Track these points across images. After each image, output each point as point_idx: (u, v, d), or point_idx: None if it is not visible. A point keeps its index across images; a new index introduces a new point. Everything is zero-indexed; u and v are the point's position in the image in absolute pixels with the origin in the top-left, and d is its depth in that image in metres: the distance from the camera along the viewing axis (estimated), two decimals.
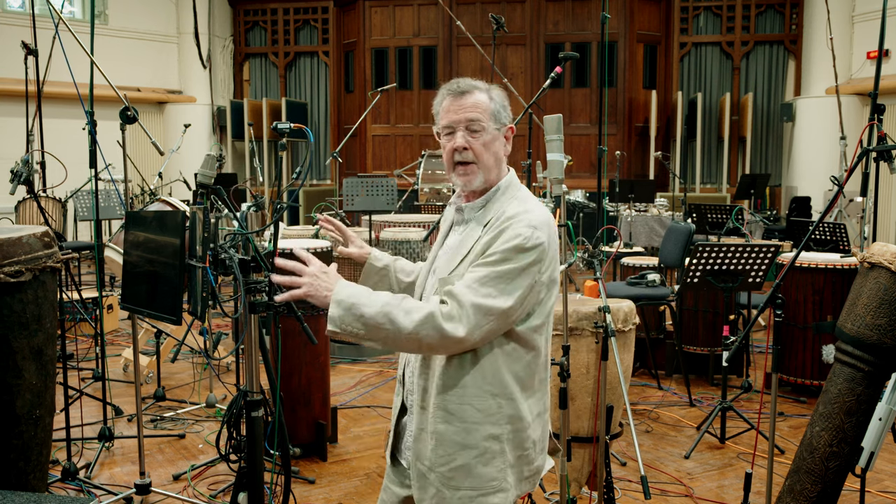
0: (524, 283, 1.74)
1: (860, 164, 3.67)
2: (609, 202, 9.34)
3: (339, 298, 1.72)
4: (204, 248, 2.17)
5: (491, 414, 1.81)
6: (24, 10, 10.78)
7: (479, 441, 1.81)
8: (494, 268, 1.72)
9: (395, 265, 2.17)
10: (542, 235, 1.76)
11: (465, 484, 1.81)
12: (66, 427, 3.72)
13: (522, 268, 1.73)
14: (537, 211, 1.81)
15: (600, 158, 3.91)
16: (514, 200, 1.85)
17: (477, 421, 1.80)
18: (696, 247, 4.31)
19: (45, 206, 7.38)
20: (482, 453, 1.81)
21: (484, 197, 1.88)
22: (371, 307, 1.71)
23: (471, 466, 1.81)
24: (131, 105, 3.45)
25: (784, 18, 11.83)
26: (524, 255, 1.73)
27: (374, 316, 1.70)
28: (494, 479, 1.82)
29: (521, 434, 1.84)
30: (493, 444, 1.81)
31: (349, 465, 3.89)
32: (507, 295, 1.72)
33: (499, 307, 1.71)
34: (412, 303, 1.74)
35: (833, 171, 9.74)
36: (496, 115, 1.86)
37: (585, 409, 3.12)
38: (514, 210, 1.80)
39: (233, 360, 5.28)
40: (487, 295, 1.71)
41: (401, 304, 1.72)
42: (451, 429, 1.81)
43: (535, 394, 1.87)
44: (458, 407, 1.81)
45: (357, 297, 1.73)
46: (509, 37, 11.37)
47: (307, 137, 2.21)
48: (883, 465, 3.90)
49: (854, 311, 2.61)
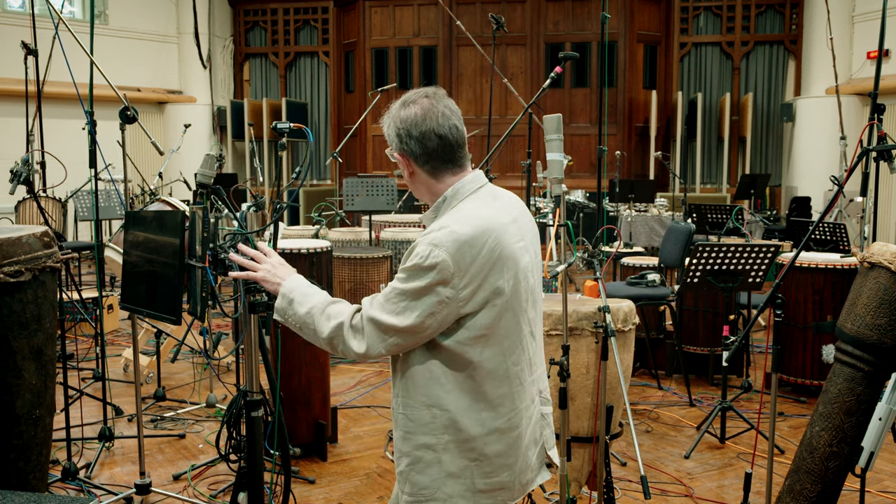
0: (428, 302, 1.72)
1: (860, 164, 3.67)
2: (609, 202, 9.33)
3: (284, 291, 1.88)
4: (204, 247, 2.17)
5: (424, 424, 1.82)
6: (24, 10, 10.79)
7: (412, 449, 1.84)
8: (398, 285, 1.76)
9: None
10: (441, 254, 1.70)
11: (405, 489, 1.86)
12: (66, 427, 3.72)
13: (422, 287, 1.72)
14: (453, 226, 1.74)
15: (600, 158, 3.91)
16: (448, 210, 1.84)
17: (410, 430, 1.84)
18: (696, 247, 4.31)
19: (45, 206, 7.38)
20: (415, 462, 1.83)
21: (434, 207, 1.89)
22: (303, 307, 1.84)
23: (406, 473, 1.85)
24: (131, 105, 3.45)
25: (784, 18, 11.83)
26: (422, 274, 1.71)
27: (302, 316, 1.83)
28: (427, 487, 1.82)
29: (464, 445, 1.80)
30: (427, 454, 1.82)
31: (349, 465, 3.89)
32: (408, 312, 1.73)
33: (397, 325, 1.74)
34: (336, 308, 1.82)
35: (833, 171, 9.73)
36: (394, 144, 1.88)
37: (585, 408, 3.12)
38: (435, 225, 1.80)
39: (233, 360, 5.28)
40: (389, 311, 1.75)
41: (326, 309, 1.82)
42: (396, 434, 1.89)
43: (495, 409, 1.82)
44: (398, 414, 1.87)
45: (297, 293, 1.86)
46: (509, 37, 11.37)
47: (307, 137, 2.22)
48: (883, 465, 3.90)
49: (854, 310, 2.61)
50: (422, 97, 1.84)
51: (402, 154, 1.85)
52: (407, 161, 1.86)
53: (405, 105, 1.85)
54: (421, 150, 1.82)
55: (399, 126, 1.83)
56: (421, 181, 1.88)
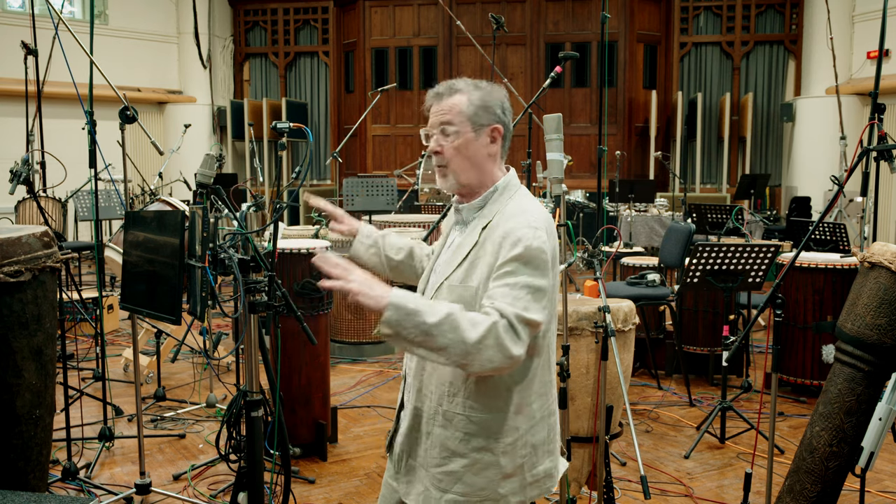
0: (548, 287, 1.75)
1: (860, 164, 3.67)
2: (609, 202, 9.33)
3: (397, 302, 1.63)
4: (203, 247, 2.17)
5: (486, 427, 1.81)
6: (24, 10, 10.78)
7: (469, 451, 1.82)
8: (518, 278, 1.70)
9: (385, 242, 2.17)
10: (543, 235, 1.75)
11: (454, 489, 1.83)
12: (66, 427, 3.72)
13: (543, 274, 1.73)
14: (536, 213, 1.81)
15: (600, 158, 3.91)
16: (510, 202, 1.85)
17: (471, 433, 1.81)
18: (696, 247, 4.31)
19: (45, 206, 7.38)
20: (473, 463, 1.82)
21: (482, 197, 1.88)
22: (433, 315, 1.63)
23: (461, 474, 1.83)
24: (131, 105, 3.45)
25: (784, 18, 11.83)
26: (538, 260, 1.72)
27: (433, 325, 1.62)
28: (484, 488, 1.83)
29: (517, 442, 1.83)
30: (486, 456, 1.82)
31: (349, 465, 3.89)
32: (543, 303, 1.73)
33: (539, 320, 1.72)
34: (472, 314, 1.68)
35: (833, 171, 9.73)
36: (473, 117, 1.85)
37: (585, 408, 3.12)
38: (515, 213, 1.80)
39: (233, 360, 5.28)
40: (533, 307, 1.70)
41: (464, 314, 1.66)
42: (446, 434, 1.83)
43: (540, 398, 1.87)
44: (455, 415, 1.82)
45: (416, 302, 1.66)
46: (509, 37, 11.37)
47: (307, 137, 2.22)
48: (883, 465, 3.90)
49: (854, 310, 2.61)
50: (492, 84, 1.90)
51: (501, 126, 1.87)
52: (499, 134, 1.88)
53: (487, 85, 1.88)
54: (510, 130, 1.91)
55: (498, 99, 1.88)
56: (491, 162, 1.88)
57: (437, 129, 1.87)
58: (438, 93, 1.88)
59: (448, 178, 1.88)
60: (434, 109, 1.88)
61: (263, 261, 2.28)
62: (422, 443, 1.87)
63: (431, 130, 1.88)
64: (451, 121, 1.85)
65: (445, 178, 1.88)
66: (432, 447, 1.85)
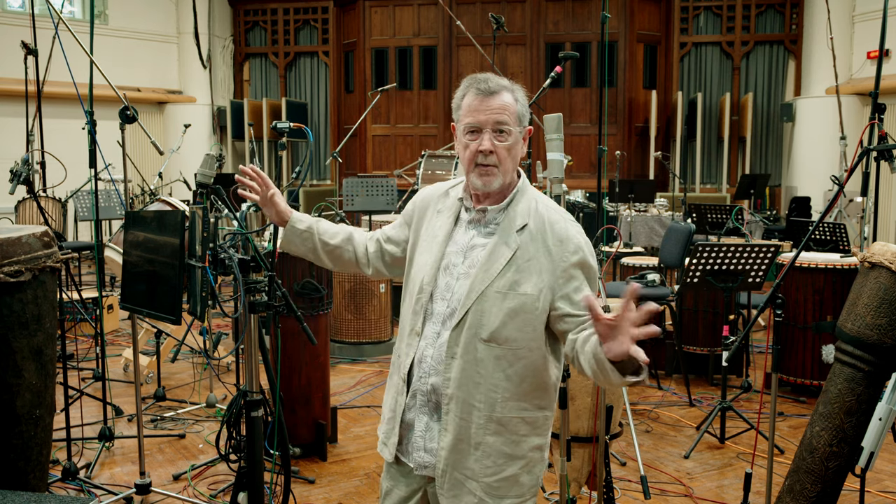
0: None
1: (860, 164, 3.67)
2: (609, 202, 9.33)
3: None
4: (203, 247, 2.17)
5: (538, 426, 1.87)
6: (24, 10, 10.78)
7: (526, 452, 1.86)
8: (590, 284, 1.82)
9: (318, 227, 2.10)
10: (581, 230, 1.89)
11: (511, 493, 1.84)
12: (66, 427, 3.72)
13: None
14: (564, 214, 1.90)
15: (600, 158, 3.91)
16: (533, 201, 1.90)
17: (525, 433, 1.84)
18: (696, 247, 4.31)
19: (45, 206, 7.38)
20: (527, 463, 1.86)
21: (508, 199, 1.88)
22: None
23: (517, 476, 1.85)
24: (131, 105, 3.45)
25: (784, 18, 11.83)
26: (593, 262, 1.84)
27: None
28: (535, 485, 1.90)
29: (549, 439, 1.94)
30: (537, 454, 1.88)
31: (349, 465, 3.89)
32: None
33: None
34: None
35: (833, 171, 9.73)
36: (521, 118, 1.86)
37: (585, 408, 3.12)
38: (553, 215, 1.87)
39: (233, 360, 5.28)
40: None
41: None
42: (500, 440, 1.82)
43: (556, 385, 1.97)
44: (511, 419, 1.82)
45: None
46: (509, 37, 11.37)
47: (307, 137, 2.22)
48: (883, 465, 3.90)
49: (854, 310, 2.61)
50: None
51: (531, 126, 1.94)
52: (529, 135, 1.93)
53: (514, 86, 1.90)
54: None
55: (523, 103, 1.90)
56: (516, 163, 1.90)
57: (490, 128, 1.82)
58: (488, 90, 1.83)
59: (497, 178, 1.84)
60: (483, 106, 1.82)
61: (263, 261, 2.28)
62: (471, 454, 1.82)
63: (485, 127, 1.82)
64: (507, 121, 1.83)
65: (492, 177, 1.84)
66: (485, 457, 1.82)
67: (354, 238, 2.13)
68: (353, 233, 2.14)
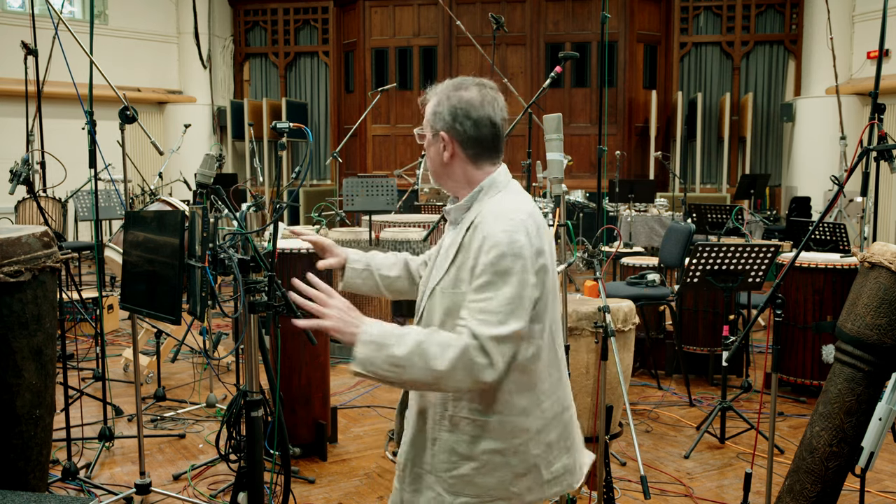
0: (526, 295, 1.69)
1: (860, 164, 3.67)
2: (609, 202, 9.33)
3: (368, 338, 1.65)
4: (203, 247, 2.17)
5: (492, 430, 1.79)
6: (24, 10, 10.78)
7: (478, 454, 1.80)
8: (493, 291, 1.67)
9: (374, 263, 2.12)
10: (521, 238, 1.70)
11: (467, 491, 1.82)
12: (66, 427, 3.72)
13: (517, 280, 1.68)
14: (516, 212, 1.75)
15: (600, 158, 3.91)
16: (491, 201, 1.81)
17: (476, 435, 1.80)
18: (696, 247, 4.31)
19: (45, 206, 7.38)
20: (483, 465, 1.80)
21: (468, 198, 1.85)
22: (402, 347, 1.63)
23: (471, 476, 1.81)
24: (131, 105, 3.45)
25: (784, 18, 11.83)
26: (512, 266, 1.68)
27: (405, 357, 1.63)
28: (495, 488, 1.81)
29: (528, 443, 1.81)
30: (496, 458, 1.80)
31: (349, 465, 3.89)
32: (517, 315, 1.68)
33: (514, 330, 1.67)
34: (442, 335, 1.67)
35: (833, 171, 9.73)
36: (432, 123, 1.84)
37: (585, 409, 3.12)
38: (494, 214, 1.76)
39: (233, 360, 5.28)
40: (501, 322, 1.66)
41: (433, 337, 1.66)
42: (453, 438, 1.81)
43: (550, 396, 1.84)
44: (462, 419, 1.80)
45: (386, 335, 1.65)
46: (509, 37, 11.37)
47: (307, 137, 2.22)
48: (883, 465, 3.90)
49: (854, 310, 2.61)
50: (476, 85, 1.84)
51: (450, 134, 1.81)
52: (452, 142, 1.82)
53: (462, 87, 1.82)
54: (474, 133, 1.81)
55: (456, 105, 1.80)
56: (459, 166, 1.84)
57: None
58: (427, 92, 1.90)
59: (434, 177, 1.91)
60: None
61: (263, 261, 2.28)
62: (428, 449, 1.84)
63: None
64: (423, 125, 1.87)
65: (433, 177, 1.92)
66: (440, 452, 1.82)
67: (409, 265, 2.15)
68: (407, 260, 2.15)
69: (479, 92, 1.82)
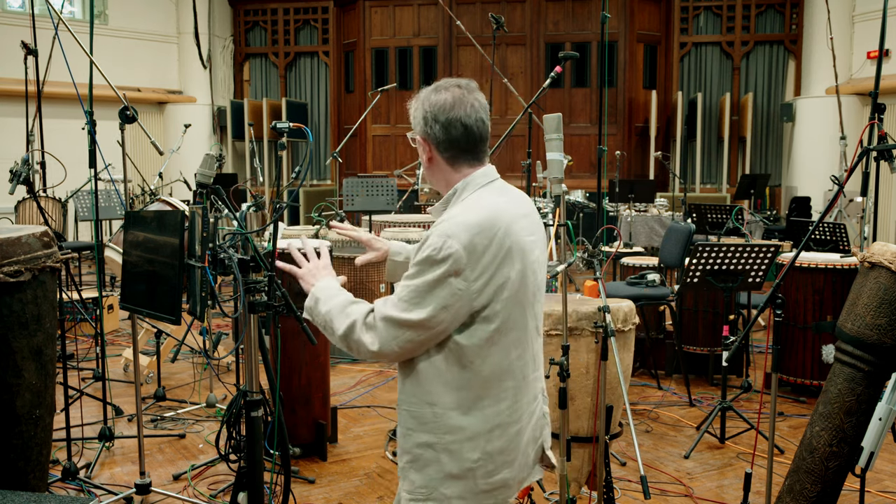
0: (441, 294, 1.69)
1: (860, 164, 3.67)
2: (609, 202, 9.33)
3: (314, 291, 1.89)
4: (203, 247, 2.17)
5: (425, 422, 1.79)
6: (24, 10, 10.78)
7: (411, 447, 1.82)
8: (410, 281, 1.73)
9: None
10: (454, 244, 1.69)
11: (404, 486, 1.85)
12: (66, 427, 3.72)
13: (435, 279, 1.69)
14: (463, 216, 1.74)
15: (600, 158, 3.91)
16: (461, 203, 1.81)
17: (411, 427, 1.82)
18: (696, 247, 4.31)
19: (45, 206, 7.38)
20: (415, 459, 1.82)
21: (444, 200, 1.88)
22: (325, 305, 1.84)
23: (405, 470, 1.84)
24: (131, 105, 3.45)
25: (784, 18, 11.83)
26: (435, 266, 1.69)
27: (324, 314, 1.84)
28: (424, 486, 1.80)
29: (466, 444, 1.78)
30: (427, 452, 1.80)
31: (349, 465, 3.89)
32: (421, 306, 1.70)
33: (410, 319, 1.71)
34: (355, 307, 1.81)
35: (833, 171, 9.73)
36: (414, 126, 1.89)
37: (585, 409, 3.12)
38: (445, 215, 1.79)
39: (233, 360, 5.28)
40: (401, 307, 1.72)
41: (346, 308, 1.81)
42: (400, 430, 1.87)
43: (497, 404, 1.80)
44: (401, 411, 1.85)
45: (324, 293, 1.87)
46: (509, 37, 11.37)
47: (307, 137, 2.22)
48: (883, 465, 3.90)
49: (854, 310, 2.61)
50: (454, 86, 1.85)
51: (424, 138, 1.86)
52: (427, 145, 1.86)
53: (437, 90, 1.86)
54: (444, 136, 1.83)
55: (427, 109, 1.84)
56: (438, 168, 1.88)
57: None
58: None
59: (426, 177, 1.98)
60: None
61: (263, 261, 2.28)
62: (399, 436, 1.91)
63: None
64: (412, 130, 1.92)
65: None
66: (398, 446, 1.90)
67: None
68: None
69: (453, 94, 1.83)
